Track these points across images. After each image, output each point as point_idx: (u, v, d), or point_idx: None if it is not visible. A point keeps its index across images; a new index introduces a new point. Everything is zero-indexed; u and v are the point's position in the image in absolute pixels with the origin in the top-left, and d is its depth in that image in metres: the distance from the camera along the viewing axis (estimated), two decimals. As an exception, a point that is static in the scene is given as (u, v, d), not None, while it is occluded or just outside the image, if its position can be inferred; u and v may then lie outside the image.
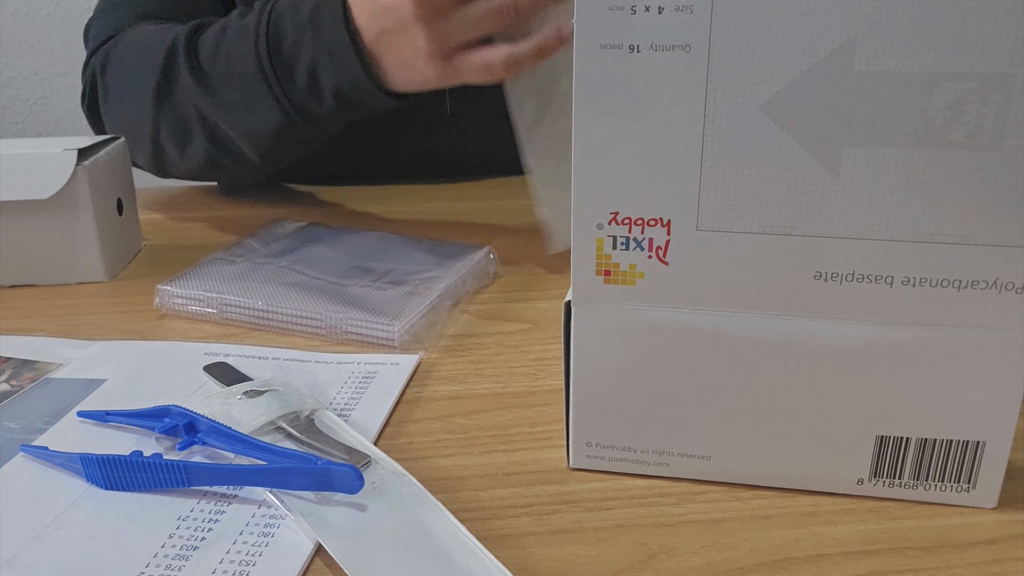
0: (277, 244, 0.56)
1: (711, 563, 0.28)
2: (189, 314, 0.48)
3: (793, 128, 0.27)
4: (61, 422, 0.37)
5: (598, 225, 0.29)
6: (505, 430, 0.36)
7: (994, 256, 0.27)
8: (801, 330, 0.29)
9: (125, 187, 0.59)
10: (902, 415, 0.30)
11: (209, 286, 0.48)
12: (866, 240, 0.28)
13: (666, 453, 0.32)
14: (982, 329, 0.28)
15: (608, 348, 0.31)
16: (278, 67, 0.55)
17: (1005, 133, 0.26)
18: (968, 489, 0.30)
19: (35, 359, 0.43)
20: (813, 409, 0.30)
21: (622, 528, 0.30)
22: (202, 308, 0.48)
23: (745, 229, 0.28)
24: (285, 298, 0.47)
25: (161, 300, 0.49)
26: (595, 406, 0.32)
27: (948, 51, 0.25)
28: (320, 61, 0.54)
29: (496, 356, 0.43)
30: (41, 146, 0.53)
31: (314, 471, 0.30)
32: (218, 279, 0.49)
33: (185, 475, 0.31)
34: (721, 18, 0.26)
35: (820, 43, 0.26)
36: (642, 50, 0.27)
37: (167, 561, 0.28)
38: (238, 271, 0.51)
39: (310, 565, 0.28)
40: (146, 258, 0.59)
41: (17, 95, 1.44)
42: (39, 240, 0.53)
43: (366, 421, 0.37)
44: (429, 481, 0.32)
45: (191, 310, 0.48)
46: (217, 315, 0.47)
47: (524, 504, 0.31)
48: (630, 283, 0.30)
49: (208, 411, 0.35)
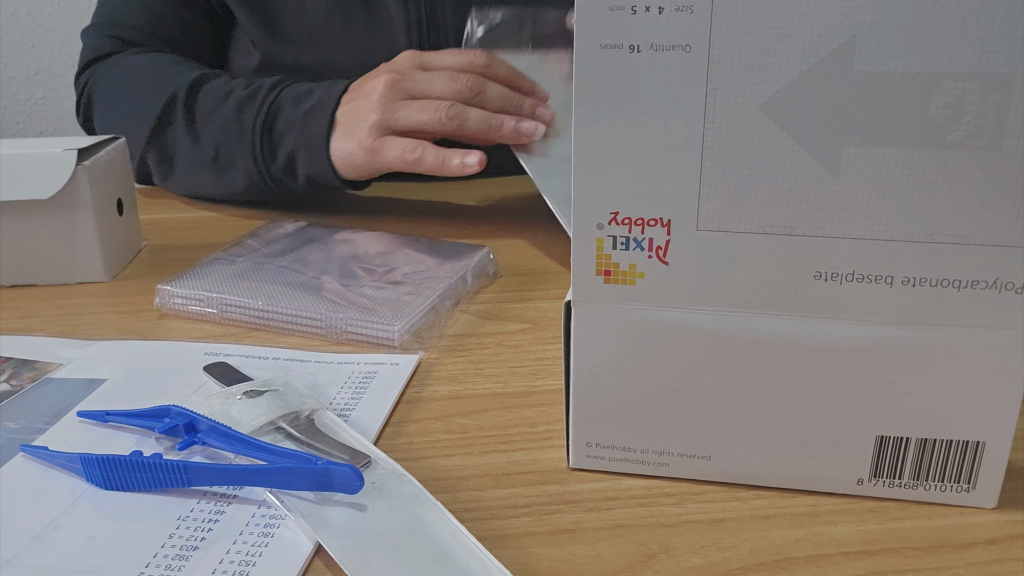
0: (277, 244, 0.56)
1: (711, 563, 0.28)
2: (189, 314, 0.48)
3: (793, 128, 0.27)
4: (61, 422, 0.37)
5: (598, 225, 0.29)
6: (505, 430, 0.36)
7: (994, 256, 0.27)
8: (801, 330, 0.29)
9: (125, 187, 0.59)
10: (902, 415, 0.30)
11: (209, 286, 0.48)
12: (866, 240, 0.28)
13: (666, 453, 0.32)
14: (982, 329, 0.28)
15: (608, 348, 0.31)
16: (267, 146, 0.64)
17: (1005, 133, 0.26)
18: (968, 489, 0.30)
19: (35, 359, 0.43)
20: (813, 409, 0.30)
21: (622, 528, 0.30)
22: (202, 308, 0.48)
23: (745, 229, 0.28)
24: (285, 298, 0.47)
25: (161, 300, 0.49)
26: (595, 406, 0.32)
27: (948, 51, 0.25)
28: (299, 152, 0.63)
29: (496, 356, 0.43)
30: (41, 146, 0.53)
31: (314, 471, 0.30)
32: (218, 279, 0.49)
33: (185, 475, 0.31)
34: (721, 18, 0.26)
35: (820, 43, 0.26)
36: (642, 50, 0.27)
37: (167, 561, 0.28)
38: (238, 271, 0.51)
39: (310, 565, 0.28)
40: (146, 258, 0.60)
41: (18, 95, 1.44)
42: (39, 240, 0.53)
43: (366, 421, 0.37)
44: (429, 481, 0.32)
45: (191, 310, 0.48)
46: (217, 315, 0.47)
47: (524, 504, 0.31)
48: (630, 283, 0.30)
49: (208, 411, 0.35)
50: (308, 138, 0.62)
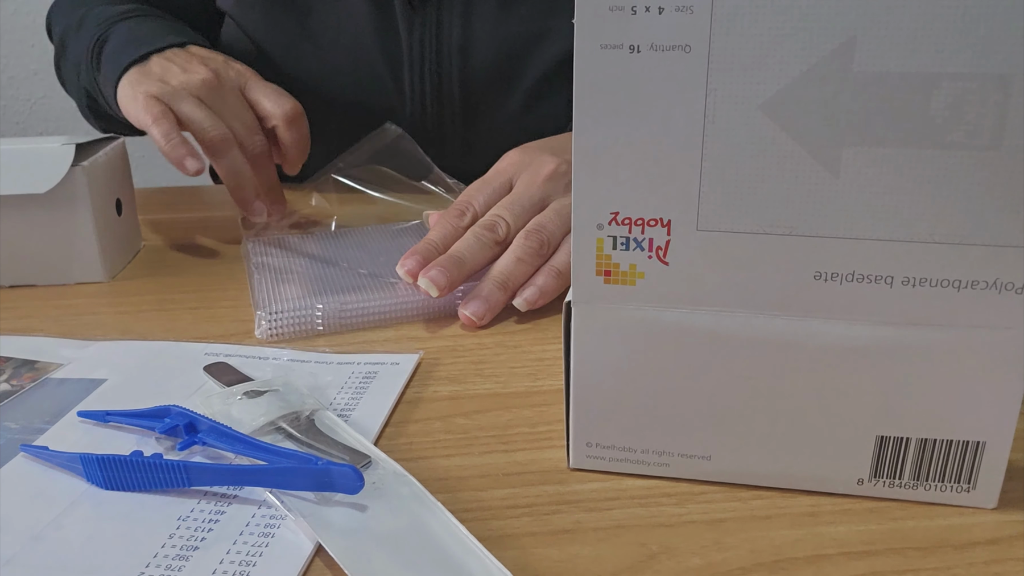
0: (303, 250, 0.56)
1: (711, 563, 0.28)
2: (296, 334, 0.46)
3: (793, 128, 0.27)
4: (61, 422, 0.37)
5: (598, 225, 0.29)
6: (505, 430, 0.36)
7: (994, 256, 0.27)
8: (801, 330, 0.29)
9: (124, 187, 0.59)
10: (902, 415, 0.30)
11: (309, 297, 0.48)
12: (866, 240, 0.28)
13: (666, 453, 0.32)
14: (982, 329, 0.28)
15: (608, 348, 0.31)
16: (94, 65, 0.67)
17: (1005, 133, 0.26)
18: (968, 489, 0.30)
19: (35, 359, 0.43)
20: (813, 409, 0.30)
21: (622, 528, 0.30)
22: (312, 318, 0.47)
23: (745, 229, 0.28)
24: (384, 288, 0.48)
25: (269, 326, 0.46)
26: (595, 406, 0.32)
27: (948, 51, 0.25)
28: (107, 62, 0.66)
29: (496, 356, 0.43)
30: (39, 142, 0.53)
31: (314, 471, 0.30)
32: (311, 291, 0.49)
33: (185, 475, 0.31)
34: (721, 18, 0.26)
35: (820, 43, 0.26)
36: (642, 50, 0.27)
37: (167, 561, 0.28)
38: (314, 276, 0.51)
39: (310, 565, 0.28)
40: (145, 258, 0.60)
41: (18, 95, 1.44)
42: (38, 240, 0.53)
43: (366, 421, 0.37)
44: (429, 481, 0.32)
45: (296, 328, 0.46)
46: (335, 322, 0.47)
47: (524, 504, 0.31)
48: (630, 283, 0.30)
49: (208, 411, 0.35)
50: (116, 61, 0.63)
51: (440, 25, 0.70)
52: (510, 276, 0.48)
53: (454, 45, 0.70)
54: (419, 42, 0.71)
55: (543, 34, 0.70)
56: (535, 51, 0.70)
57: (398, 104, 0.73)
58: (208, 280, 0.55)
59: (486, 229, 0.49)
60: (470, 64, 0.71)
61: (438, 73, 0.71)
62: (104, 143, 0.57)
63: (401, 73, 0.72)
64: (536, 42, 0.70)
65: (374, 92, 0.73)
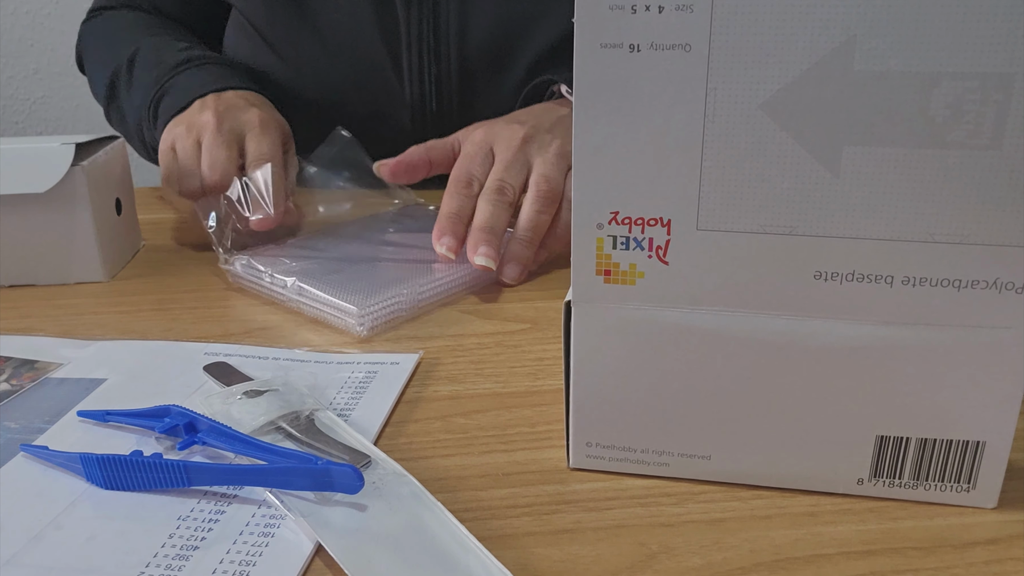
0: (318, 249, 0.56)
1: (711, 563, 0.28)
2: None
3: (793, 128, 0.27)
4: (61, 422, 0.37)
5: (598, 225, 0.29)
6: (505, 430, 0.36)
7: (994, 256, 0.27)
8: (801, 330, 0.29)
9: (124, 187, 0.59)
10: (902, 415, 0.30)
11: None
12: (866, 240, 0.28)
13: (666, 453, 0.32)
14: (982, 329, 0.28)
15: (608, 348, 0.31)
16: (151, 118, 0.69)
17: (1005, 133, 0.26)
18: (968, 489, 0.30)
19: (35, 359, 0.43)
20: (813, 409, 0.30)
21: (622, 528, 0.30)
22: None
23: (745, 229, 0.28)
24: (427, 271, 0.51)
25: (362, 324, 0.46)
26: (595, 406, 0.32)
27: (948, 51, 0.25)
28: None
29: (496, 356, 0.43)
30: (39, 142, 0.53)
31: (314, 471, 0.30)
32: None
33: (185, 475, 0.31)
34: (721, 18, 0.26)
35: (820, 43, 0.26)
36: (642, 50, 0.27)
37: (167, 561, 0.28)
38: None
39: (310, 565, 0.28)
40: (145, 258, 0.60)
41: (17, 94, 1.44)
42: (38, 239, 0.53)
43: (366, 421, 0.37)
44: (429, 481, 0.32)
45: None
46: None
47: (524, 504, 0.31)
48: (630, 283, 0.30)
49: (208, 411, 0.35)
50: (166, 115, 0.65)
51: (437, 5, 0.70)
52: (536, 229, 0.53)
53: (452, 26, 0.71)
54: (417, 23, 0.71)
55: (540, 14, 0.70)
56: (533, 31, 0.71)
57: (397, 86, 0.74)
58: (208, 280, 0.55)
59: (498, 194, 0.54)
60: (468, 44, 0.71)
61: (436, 53, 0.72)
62: (104, 143, 0.57)
63: (400, 54, 0.72)
64: (534, 22, 0.70)
65: (374, 74, 0.74)
